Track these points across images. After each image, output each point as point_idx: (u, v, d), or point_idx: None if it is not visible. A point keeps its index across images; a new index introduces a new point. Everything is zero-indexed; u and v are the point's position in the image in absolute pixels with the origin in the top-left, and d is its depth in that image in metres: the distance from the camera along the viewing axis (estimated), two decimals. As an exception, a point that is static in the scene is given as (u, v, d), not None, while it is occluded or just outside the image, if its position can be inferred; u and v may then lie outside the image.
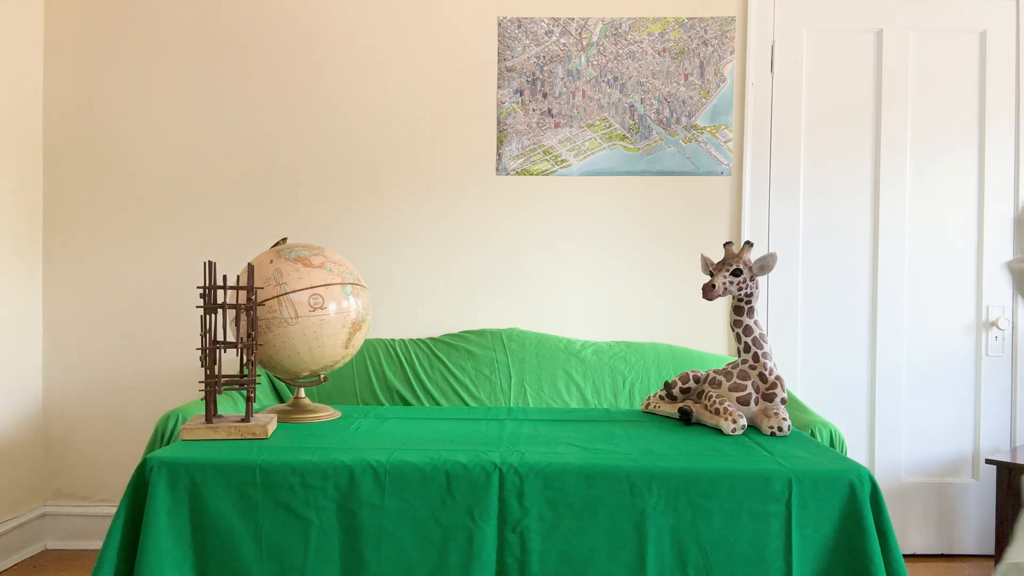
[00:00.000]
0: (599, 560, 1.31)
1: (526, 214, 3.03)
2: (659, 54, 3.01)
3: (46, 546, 3.06)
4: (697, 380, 1.72)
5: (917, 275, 3.02)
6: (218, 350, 1.54)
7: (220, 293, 1.60)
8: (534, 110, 3.02)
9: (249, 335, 1.54)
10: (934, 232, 3.01)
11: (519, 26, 3.03)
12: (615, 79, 3.02)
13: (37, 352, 3.05)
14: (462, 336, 2.92)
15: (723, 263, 1.62)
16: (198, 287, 1.58)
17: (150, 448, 2.25)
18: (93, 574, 1.31)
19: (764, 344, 1.61)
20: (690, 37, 3.01)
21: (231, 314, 1.62)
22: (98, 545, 2.97)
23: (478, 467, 1.34)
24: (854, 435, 3.01)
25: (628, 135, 3.02)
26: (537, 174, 3.02)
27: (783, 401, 1.59)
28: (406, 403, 2.77)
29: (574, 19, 3.02)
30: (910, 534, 3.02)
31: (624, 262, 3.02)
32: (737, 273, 1.60)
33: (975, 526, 3.04)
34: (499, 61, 3.02)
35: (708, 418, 1.62)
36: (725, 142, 3.00)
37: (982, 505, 3.03)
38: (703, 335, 3.01)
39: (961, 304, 2.98)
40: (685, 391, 1.73)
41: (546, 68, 3.01)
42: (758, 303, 1.67)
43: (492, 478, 1.33)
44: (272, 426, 1.57)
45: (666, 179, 3.01)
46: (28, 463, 3.00)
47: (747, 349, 1.61)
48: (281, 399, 2.78)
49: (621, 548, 1.31)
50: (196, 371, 3.03)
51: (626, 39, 3.01)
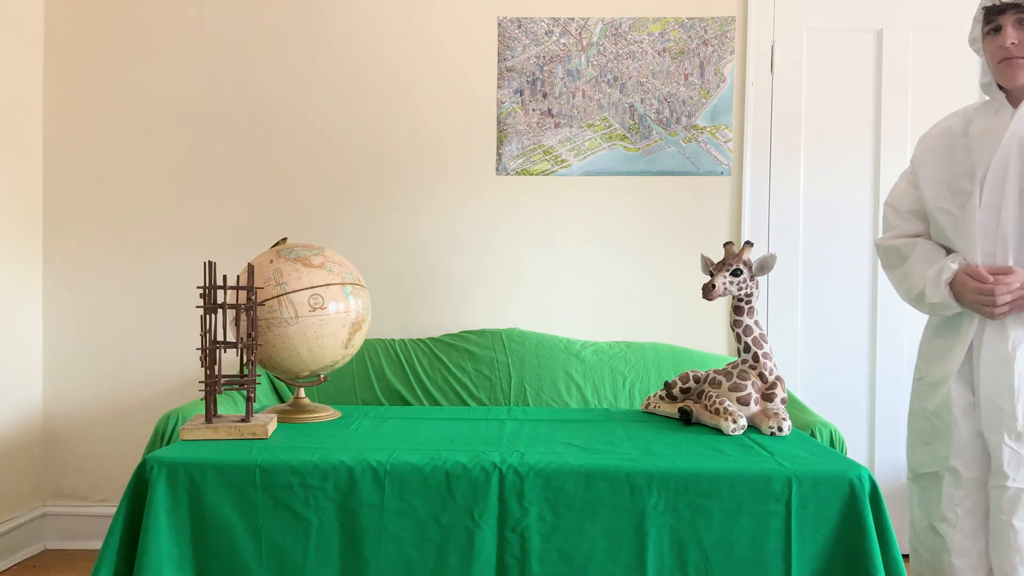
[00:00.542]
0: (599, 560, 1.31)
1: (526, 214, 3.03)
2: (659, 54, 3.01)
3: (46, 546, 3.06)
4: (697, 380, 1.72)
5: (917, 275, 3.01)
6: (218, 350, 1.54)
7: (220, 293, 1.60)
8: (534, 110, 3.02)
9: (249, 335, 1.54)
10: (934, 232, 3.01)
11: (519, 26, 3.03)
12: (615, 79, 3.02)
13: (37, 352, 3.05)
14: (462, 336, 2.92)
15: (723, 263, 1.62)
16: (198, 287, 1.58)
17: (150, 448, 2.25)
18: (93, 574, 1.31)
19: (764, 344, 1.61)
20: (690, 37, 3.01)
21: (231, 314, 1.62)
22: (98, 545, 2.97)
23: (478, 467, 1.34)
24: (854, 435, 3.01)
25: (628, 135, 3.02)
26: (537, 174, 3.02)
27: (783, 401, 1.59)
28: (406, 403, 2.77)
29: (574, 19, 3.02)
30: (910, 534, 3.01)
31: (624, 262, 3.02)
32: (737, 273, 1.60)
33: (975, 526, 3.03)
34: (499, 61, 3.02)
35: (708, 418, 1.62)
36: (725, 142, 3.00)
37: (982, 505, 3.02)
38: (703, 335, 3.01)
39: (961, 304, 2.97)
40: (685, 391, 1.73)
41: (546, 68, 3.01)
42: (758, 303, 1.67)
43: (492, 478, 1.33)
44: (272, 426, 1.57)
45: (666, 179, 3.01)
46: (28, 463, 3.00)
47: (747, 349, 1.61)
48: (281, 399, 2.78)
49: (621, 548, 1.31)
50: (196, 371, 3.03)
51: (626, 39, 3.01)
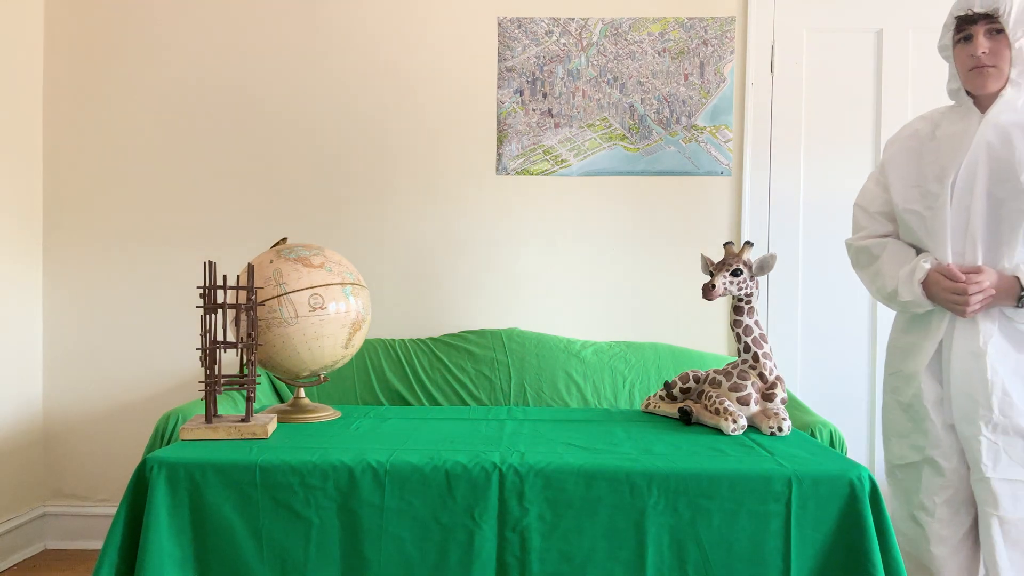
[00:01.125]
0: (599, 560, 1.31)
1: (526, 214, 3.03)
2: (659, 54, 3.01)
3: (46, 546, 3.06)
4: (697, 380, 1.72)
5: (917, 275, 3.01)
6: (218, 350, 1.54)
7: (220, 293, 1.60)
8: (534, 110, 3.02)
9: (249, 335, 1.54)
10: (934, 232, 3.01)
11: (519, 26, 3.03)
12: (615, 79, 3.02)
13: (37, 352, 3.06)
14: (462, 336, 2.92)
15: (723, 263, 1.62)
16: (198, 287, 1.58)
17: (150, 448, 2.25)
18: (93, 574, 1.31)
19: (764, 344, 1.61)
20: (690, 37, 3.01)
21: (231, 314, 1.62)
22: (98, 545, 2.97)
23: (478, 467, 1.34)
24: (854, 435, 3.01)
25: (628, 135, 3.02)
26: (537, 174, 3.02)
27: (783, 401, 1.59)
28: (406, 403, 2.77)
29: (574, 19, 3.02)
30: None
31: (624, 262, 3.02)
32: (737, 273, 1.60)
33: (975, 526, 3.04)
34: (499, 61, 3.02)
35: (708, 418, 1.62)
36: (725, 142, 3.00)
37: (982, 505, 3.02)
38: (703, 335, 3.01)
39: (961, 304, 2.97)
40: (685, 391, 1.73)
41: (546, 68, 3.01)
42: (758, 303, 1.67)
43: (492, 478, 1.33)
44: (272, 426, 1.57)
45: (666, 179, 3.01)
46: (28, 463, 3.00)
47: (747, 349, 1.61)
48: (281, 399, 2.78)
49: (621, 548, 1.31)
50: (196, 371, 3.03)
51: (626, 39, 3.01)
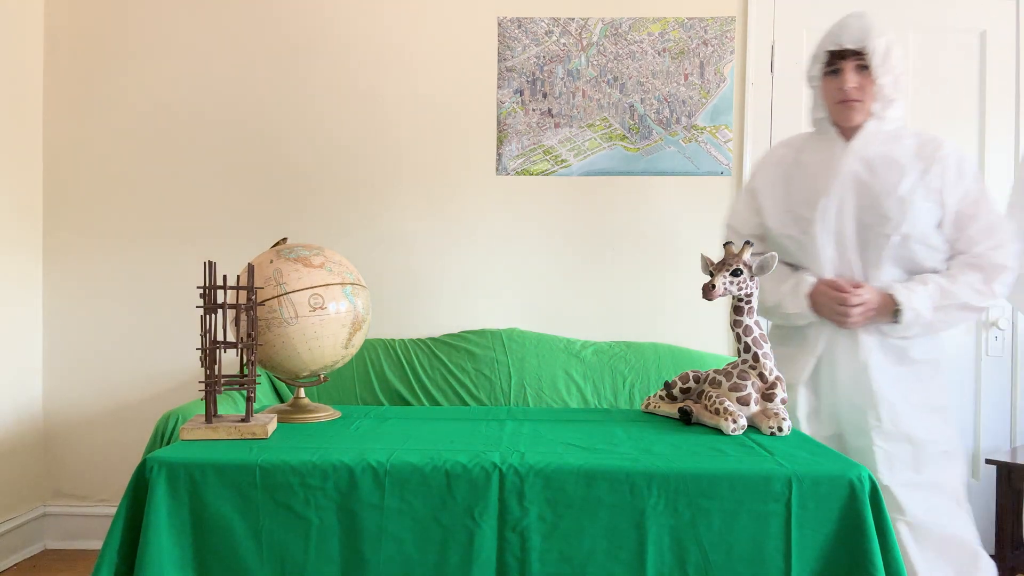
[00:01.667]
0: (599, 560, 1.31)
1: (526, 214, 3.03)
2: (659, 54, 3.01)
3: (46, 546, 3.06)
4: (697, 380, 1.72)
5: (917, 275, 3.01)
6: (218, 350, 1.54)
7: (220, 293, 1.60)
8: (534, 110, 3.02)
9: (249, 335, 1.54)
10: (934, 232, 3.01)
11: (519, 26, 3.03)
12: (615, 79, 3.02)
13: (37, 352, 3.06)
14: (462, 336, 2.92)
15: (723, 263, 1.62)
16: (198, 287, 1.58)
17: (150, 448, 2.25)
18: (93, 574, 1.31)
19: (764, 344, 1.61)
20: (690, 37, 3.01)
21: (231, 314, 1.62)
22: (98, 545, 2.97)
23: (478, 467, 1.34)
24: (854, 435, 3.00)
25: (628, 135, 3.02)
26: (537, 174, 3.02)
27: (783, 401, 1.59)
28: (406, 403, 2.77)
29: (574, 19, 3.02)
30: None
31: (624, 262, 3.02)
32: (737, 273, 1.60)
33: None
34: (499, 61, 3.02)
35: (708, 418, 1.62)
36: (725, 142, 3.00)
37: (982, 505, 3.02)
38: (703, 335, 3.01)
39: (961, 304, 2.96)
40: (685, 391, 1.73)
41: (546, 68, 3.01)
42: (758, 303, 1.67)
43: (492, 478, 1.33)
44: (272, 426, 1.57)
45: (666, 179, 3.01)
46: (28, 463, 3.00)
47: (747, 349, 1.61)
48: (281, 399, 2.78)
49: (621, 548, 1.31)
50: (196, 371, 3.03)
51: (626, 39, 3.01)
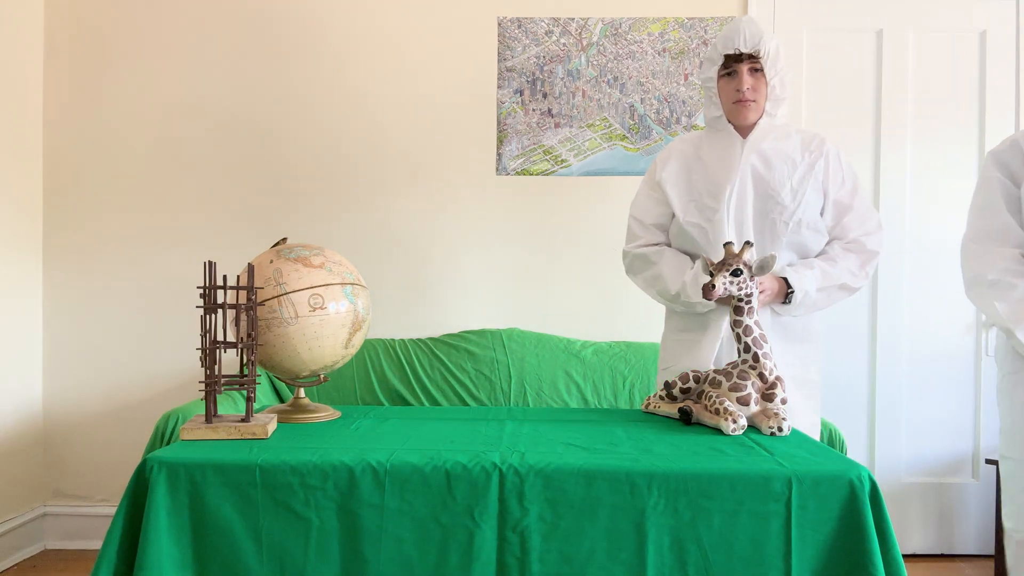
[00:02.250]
0: (599, 560, 1.31)
1: (526, 214, 3.03)
2: (659, 54, 3.01)
3: (46, 546, 3.06)
4: (697, 380, 1.72)
5: (917, 275, 3.02)
6: (218, 350, 1.54)
7: (220, 293, 1.60)
8: (534, 110, 3.02)
9: (249, 335, 1.54)
10: (934, 231, 3.01)
11: (519, 26, 3.03)
12: (615, 79, 3.02)
13: (37, 352, 3.06)
14: (462, 336, 2.92)
15: (723, 263, 1.61)
16: (198, 287, 1.58)
17: (150, 448, 2.25)
18: (93, 574, 1.31)
19: (764, 344, 1.61)
20: (690, 37, 3.01)
21: (231, 314, 1.62)
22: (98, 545, 2.97)
23: (478, 467, 1.34)
24: (854, 435, 3.01)
25: (628, 135, 3.02)
26: (537, 174, 3.02)
27: (783, 401, 1.59)
28: (406, 403, 2.77)
29: (574, 19, 3.02)
30: (910, 534, 3.02)
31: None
32: (737, 273, 1.60)
33: (975, 526, 3.04)
34: (499, 61, 3.02)
35: (708, 418, 1.62)
36: (725, 142, 3.00)
37: (982, 505, 3.03)
38: (703, 335, 3.00)
39: (961, 303, 2.97)
40: (685, 391, 1.73)
41: (546, 68, 3.01)
42: (758, 303, 1.67)
43: (492, 478, 1.33)
44: (272, 426, 1.57)
45: (666, 179, 3.01)
46: (28, 463, 3.00)
47: (747, 349, 1.61)
48: (281, 399, 2.78)
49: (621, 548, 1.31)
50: (196, 371, 3.03)
51: (626, 39, 3.01)
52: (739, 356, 1.64)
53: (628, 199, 3.03)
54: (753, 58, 1.92)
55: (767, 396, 1.59)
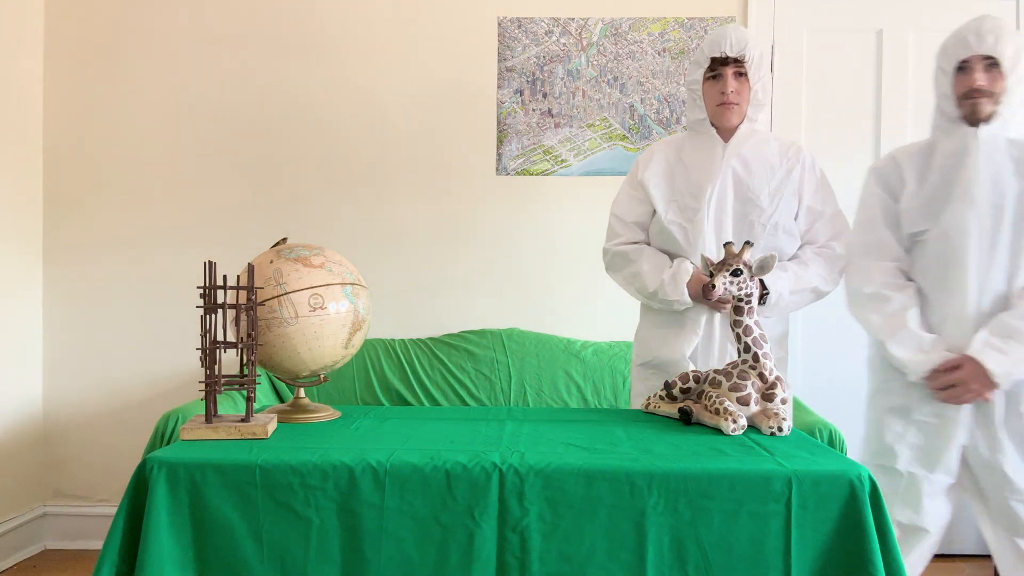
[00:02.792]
0: (599, 560, 1.31)
1: (526, 214, 3.03)
2: (659, 54, 3.02)
3: (46, 546, 3.06)
4: (697, 380, 1.72)
5: (917, 275, 3.01)
6: (218, 350, 1.54)
7: (220, 293, 1.60)
8: (534, 110, 3.02)
9: (249, 335, 1.54)
10: (934, 232, 3.01)
11: (519, 26, 3.03)
12: (615, 79, 3.02)
13: (37, 352, 3.06)
14: (462, 336, 2.92)
15: (723, 263, 1.62)
16: (198, 287, 1.58)
17: (150, 448, 2.25)
18: (93, 574, 1.31)
19: (764, 344, 1.61)
20: (690, 37, 3.01)
21: (231, 314, 1.62)
22: (98, 545, 2.97)
23: (478, 467, 1.34)
24: (854, 435, 3.00)
25: (628, 135, 3.02)
26: (537, 174, 3.02)
27: (783, 401, 1.59)
28: (406, 403, 2.77)
29: (574, 19, 3.02)
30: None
31: (624, 262, 3.02)
32: (737, 273, 1.60)
33: (975, 526, 3.04)
34: (499, 61, 3.02)
35: (708, 418, 1.62)
36: (725, 142, 3.00)
37: (982, 505, 3.02)
38: (703, 335, 3.01)
39: (961, 304, 2.96)
40: (685, 391, 1.73)
41: (546, 68, 3.02)
42: (757, 303, 1.67)
43: (492, 478, 1.33)
44: (272, 426, 1.57)
45: (666, 179, 3.01)
46: (28, 463, 3.00)
47: (747, 349, 1.61)
48: (281, 399, 2.78)
49: (621, 548, 1.31)
50: (196, 371, 3.04)
51: (626, 39, 3.01)
52: (739, 356, 1.64)
53: (628, 199, 3.05)
54: (738, 62, 1.96)
55: (767, 396, 1.60)
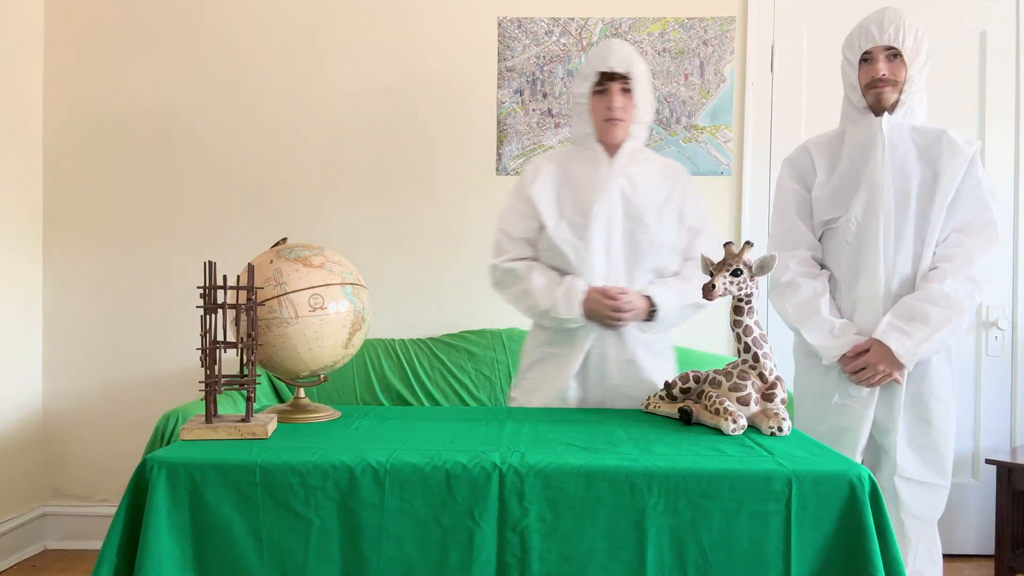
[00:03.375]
0: (599, 559, 1.31)
1: (526, 214, 3.02)
2: (659, 54, 3.01)
3: (46, 546, 3.06)
4: (697, 380, 1.72)
5: (917, 275, 3.01)
6: (218, 350, 1.54)
7: (220, 293, 1.60)
8: (534, 110, 3.02)
9: (249, 335, 1.54)
10: (934, 232, 3.01)
11: (519, 26, 3.03)
12: (615, 79, 3.01)
13: (37, 352, 3.06)
14: (462, 336, 2.92)
15: (723, 263, 1.61)
16: (198, 287, 1.58)
17: (150, 448, 2.25)
18: (93, 574, 1.31)
19: (764, 344, 1.61)
20: (690, 37, 3.01)
21: (231, 314, 1.62)
22: (98, 545, 2.97)
23: (478, 467, 1.34)
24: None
25: (628, 135, 3.01)
26: (537, 174, 3.02)
27: (783, 401, 1.59)
28: (406, 403, 2.77)
29: (574, 19, 3.02)
30: (910, 534, 3.01)
31: (624, 262, 3.02)
32: (737, 273, 1.60)
33: (975, 526, 3.04)
34: (499, 61, 3.02)
35: (708, 418, 1.62)
36: (725, 142, 3.00)
37: (982, 505, 3.03)
38: (703, 335, 3.01)
39: (961, 304, 2.96)
40: (685, 391, 1.73)
41: (546, 68, 3.01)
42: (758, 303, 1.67)
43: (492, 478, 1.33)
44: (272, 426, 1.57)
45: (666, 179, 3.01)
46: (28, 463, 3.00)
47: (747, 349, 1.61)
48: (281, 399, 2.78)
49: (621, 548, 1.31)
50: (196, 371, 3.04)
51: (626, 39, 3.01)
52: (739, 356, 1.64)
53: (628, 199, 3.05)
54: (625, 78, 1.98)
55: (767, 396, 1.59)
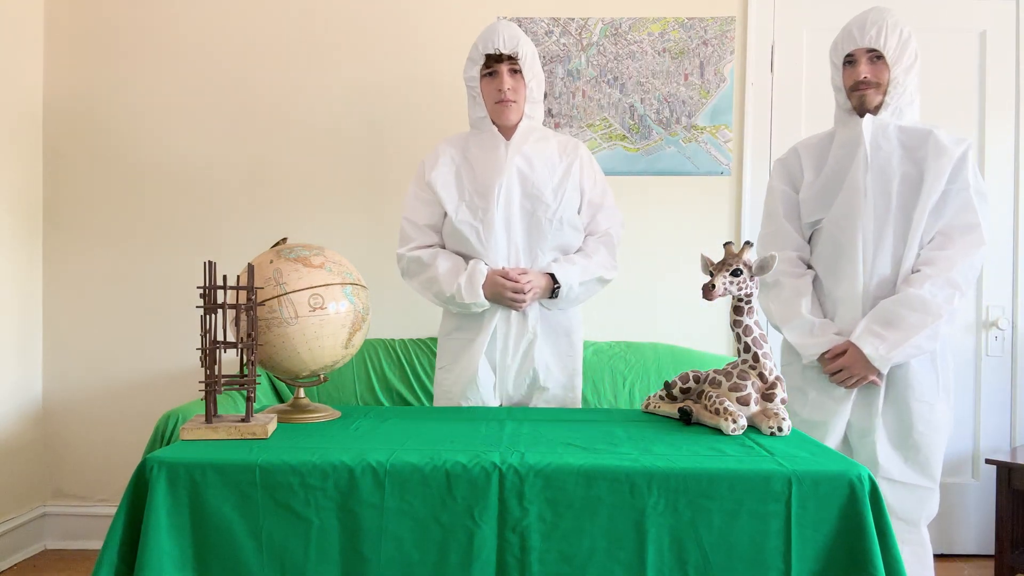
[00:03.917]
0: (599, 560, 1.31)
1: (526, 214, 3.02)
2: (659, 54, 3.01)
3: (46, 546, 3.06)
4: (697, 380, 1.72)
5: (917, 275, 3.01)
6: (218, 350, 1.54)
7: (220, 293, 1.60)
8: (534, 110, 3.01)
9: (249, 335, 1.54)
10: (934, 232, 3.01)
11: (519, 26, 3.03)
12: (615, 79, 3.02)
13: (37, 352, 3.06)
14: (462, 336, 2.92)
15: (723, 263, 1.61)
16: (198, 287, 1.58)
17: (150, 448, 2.25)
18: (93, 574, 1.31)
19: (764, 344, 1.61)
20: (690, 37, 3.01)
21: (231, 314, 1.62)
22: (98, 545, 2.97)
23: (478, 467, 1.34)
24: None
25: (628, 135, 3.02)
26: (537, 174, 3.02)
27: (783, 401, 1.59)
28: (406, 403, 2.77)
29: (574, 19, 3.02)
30: (910, 534, 3.01)
31: (624, 262, 3.00)
32: (737, 273, 1.60)
33: (975, 526, 3.04)
34: (499, 61, 3.02)
35: (708, 418, 1.62)
36: (725, 142, 3.00)
37: (982, 505, 3.03)
38: (703, 335, 3.01)
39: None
40: (685, 391, 1.73)
41: (546, 68, 3.01)
42: (758, 303, 1.67)
43: (492, 478, 1.33)
44: (272, 426, 1.57)
45: (666, 179, 3.01)
46: (28, 463, 3.00)
47: (747, 349, 1.61)
48: (281, 399, 2.78)
49: (621, 548, 1.31)
50: (196, 371, 3.04)
51: (626, 39, 3.01)
52: (739, 356, 1.64)
53: (629, 199, 3.05)
54: (512, 59, 2.03)
55: (767, 396, 1.59)
